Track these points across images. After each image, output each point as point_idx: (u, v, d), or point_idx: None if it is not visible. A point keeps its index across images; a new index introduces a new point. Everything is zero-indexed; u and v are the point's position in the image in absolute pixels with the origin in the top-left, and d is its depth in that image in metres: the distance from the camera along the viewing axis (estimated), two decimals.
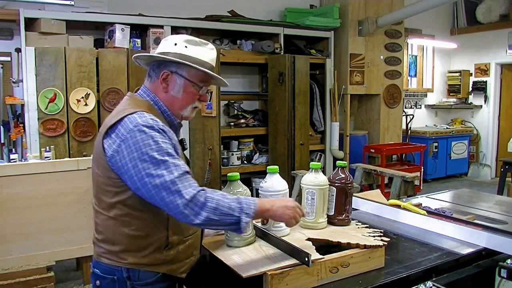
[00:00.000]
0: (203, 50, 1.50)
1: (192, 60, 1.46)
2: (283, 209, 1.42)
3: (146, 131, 1.33)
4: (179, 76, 1.48)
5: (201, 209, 1.27)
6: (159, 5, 5.20)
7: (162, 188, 1.28)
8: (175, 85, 1.48)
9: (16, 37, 4.38)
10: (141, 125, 1.34)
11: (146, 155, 1.30)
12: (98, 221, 1.45)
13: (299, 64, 5.28)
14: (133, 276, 1.41)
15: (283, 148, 5.30)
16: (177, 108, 1.51)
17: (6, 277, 3.02)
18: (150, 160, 1.30)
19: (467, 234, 1.75)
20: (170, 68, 1.48)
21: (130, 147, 1.32)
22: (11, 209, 3.07)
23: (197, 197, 1.28)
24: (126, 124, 1.35)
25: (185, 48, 1.48)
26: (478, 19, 7.84)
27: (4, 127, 4.27)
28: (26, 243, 3.12)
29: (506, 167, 5.08)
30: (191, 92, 1.49)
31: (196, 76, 1.48)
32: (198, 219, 1.28)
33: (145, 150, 1.31)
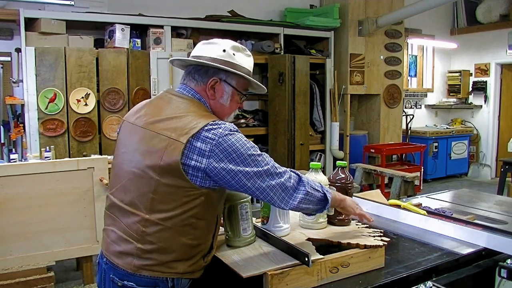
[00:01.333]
0: (245, 57, 1.49)
1: (239, 68, 1.45)
2: (351, 202, 1.58)
3: (235, 134, 1.34)
4: (228, 85, 1.45)
5: (298, 184, 1.39)
6: (159, 5, 5.20)
7: (266, 177, 1.34)
8: (223, 93, 1.46)
9: (16, 37, 4.38)
10: (227, 129, 1.33)
11: (247, 159, 1.33)
12: (148, 231, 1.32)
13: (299, 64, 5.29)
14: (177, 285, 1.36)
15: (283, 148, 5.30)
16: (222, 115, 1.49)
17: (6, 277, 3.02)
18: (249, 158, 1.33)
19: (467, 234, 1.75)
20: (219, 76, 1.44)
21: (225, 150, 1.30)
22: (11, 209, 3.07)
23: (292, 177, 1.39)
24: (221, 129, 1.32)
25: (233, 55, 1.45)
26: (478, 19, 7.84)
27: (4, 127, 4.28)
28: (26, 243, 3.12)
29: (506, 167, 5.07)
30: (236, 100, 1.50)
31: (242, 85, 1.48)
32: (296, 198, 1.38)
33: (243, 150, 1.32)
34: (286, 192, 1.36)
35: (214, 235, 1.42)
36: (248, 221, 1.53)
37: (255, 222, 1.64)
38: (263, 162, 1.34)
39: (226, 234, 1.55)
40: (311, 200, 1.41)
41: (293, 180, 1.38)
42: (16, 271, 3.06)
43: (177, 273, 1.34)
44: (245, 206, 1.52)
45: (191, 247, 1.35)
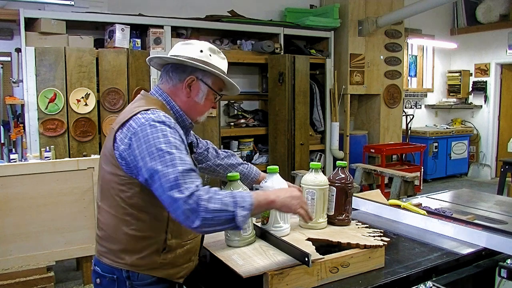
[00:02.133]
0: (220, 59, 1.54)
1: (216, 68, 1.50)
2: (289, 199, 1.39)
3: (157, 125, 1.32)
4: (204, 84, 1.50)
5: (197, 208, 1.22)
6: (159, 5, 5.20)
7: (165, 182, 1.24)
8: (199, 92, 1.50)
9: (16, 37, 4.38)
10: (152, 120, 1.34)
11: (154, 147, 1.28)
12: (100, 217, 1.46)
13: (299, 64, 5.28)
14: (132, 276, 1.42)
15: (283, 148, 5.30)
16: (196, 113, 1.53)
17: (6, 277, 3.02)
18: (157, 152, 1.28)
19: (467, 234, 1.75)
20: (196, 74, 1.49)
21: (139, 140, 1.31)
22: (11, 209, 3.07)
23: (195, 194, 1.23)
24: (138, 119, 1.35)
25: (210, 56, 1.50)
26: (478, 19, 7.84)
27: (4, 127, 4.27)
28: (26, 243, 3.12)
29: (506, 167, 5.07)
30: (210, 99, 1.53)
31: (217, 85, 1.53)
32: (194, 221, 1.22)
33: (153, 142, 1.29)
34: (183, 210, 1.23)
35: (168, 231, 1.42)
36: (248, 221, 1.53)
37: (255, 222, 1.64)
38: (170, 162, 1.26)
39: (226, 234, 1.55)
40: (215, 223, 1.25)
41: (192, 201, 1.22)
42: (16, 271, 3.07)
43: (125, 264, 1.40)
44: None
45: (137, 239, 1.39)
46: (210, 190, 1.27)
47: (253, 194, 1.32)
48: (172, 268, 1.45)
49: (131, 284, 1.42)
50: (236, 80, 5.90)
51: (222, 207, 1.24)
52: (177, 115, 1.51)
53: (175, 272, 1.46)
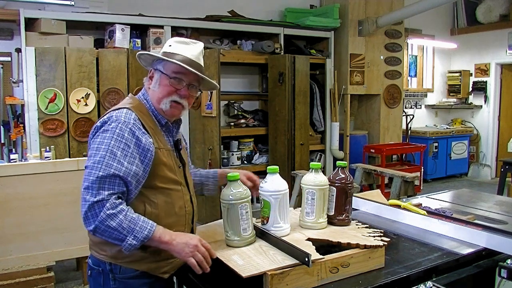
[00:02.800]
0: (185, 46, 1.55)
1: (171, 56, 1.52)
2: (182, 245, 1.38)
3: (113, 125, 1.41)
4: (157, 71, 1.54)
5: (96, 216, 1.32)
6: (159, 5, 5.20)
7: (85, 180, 1.36)
8: (154, 80, 1.55)
9: (16, 37, 4.38)
10: (111, 119, 1.43)
11: (96, 145, 1.40)
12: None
13: (299, 64, 5.28)
14: (115, 269, 1.46)
15: (283, 148, 5.30)
16: (155, 102, 1.54)
17: (6, 277, 3.02)
18: (95, 150, 1.39)
19: (467, 234, 1.75)
20: (154, 66, 1.56)
21: (94, 138, 1.43)
22: (11, 209, 3.07)
23: (101, 204, 1.32)
24: (106, 116, 1.46)
25: (169, 47, 1.56)
26: (478, 19, 7.84)
27: (4, 127, 4.27)
28: (26, 243, 3.12)
29: (506, 167, 5.07)
30: (165, 84, 1.52)
31: (170, 68, 1.52)
32: (89, 225, 1.34)
33: (99, 140, 1.40)
34: (85, 211, 1.34)
35: None
36: (248, 221, 1.53)
37: (255, 222, 1.64)
38: (97, 164, 1.36)
39: (226, 234, 1.55)
40: (106, 236, 1.35)
41: (95, 208, 1.32)
42: (16, 271, 3.07)
43: (107, 256, 1.46)
44: (245, 206, 1.53)
45: None
46: (117, 207, 1.34)
47: (155, 229, 1.37)
48: (154, 262, 1.47)
49: (114, 277, 1.46)
50: (236, 80, 5.86)
51: (117, 227, 1.33)
52: (154, 114, 1.55)
53: (157, 266, 1.48)
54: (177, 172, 1.56)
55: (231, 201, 1.51)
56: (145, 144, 1.43)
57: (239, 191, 1.53)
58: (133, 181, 1.40)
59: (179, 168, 1.58)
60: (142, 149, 1.42)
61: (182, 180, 1.58)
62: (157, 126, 1.54)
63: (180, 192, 1.55)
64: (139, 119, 1.47)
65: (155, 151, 1.46)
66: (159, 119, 1.55)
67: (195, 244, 1.39)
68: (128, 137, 1.40)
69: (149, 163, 1.44)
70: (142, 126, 1.46)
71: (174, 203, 1.52)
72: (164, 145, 1.53)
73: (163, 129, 1.57)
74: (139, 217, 1.38)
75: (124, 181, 1.37)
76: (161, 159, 1.49)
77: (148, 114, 1.53)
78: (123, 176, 1.37)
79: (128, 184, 1.39)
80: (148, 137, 1.45)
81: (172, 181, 1.53)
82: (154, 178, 1.47)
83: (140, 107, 1.52)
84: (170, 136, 1.60)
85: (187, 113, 5.02)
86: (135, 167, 1.40)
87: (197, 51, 1.56)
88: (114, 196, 1.35)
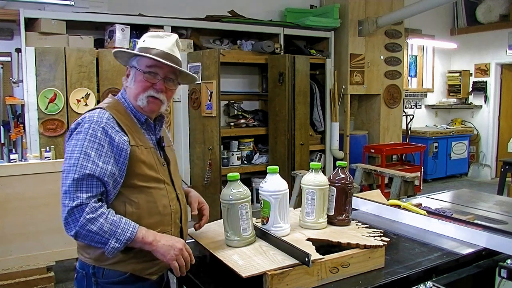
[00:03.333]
0: (161, 40, 1.53)
1: (144, 50, 1.50)
2: (167, 247, 1.38)
3: (85, 126, 1.40)
4: (133, 68, 1.53)
5: (76, 221, 1.32)
6: (159, 5, 5.20)
7: (63, 185, 1.36)
8: (130, 77, 1.53)
9: (16, 37, 4.38)
10: (84, 120, 1.42)
11: (70, 147, 1.39)
12: None
13: (299, 64, 5.28)
14: (97, 273, 1.43)
15: (283, 148, 5.30)
16: (133, 98, 1.52)
17: (6, 277, 3.02)
18: (69, 153, 1.38)
19: (467, 234, 1.75)
20: (130, 63, 1.55)
21: (69, 141, 1.42)
22: (11, 209, 3.07)
23: (80, 208, 1.32)
24: (80, 118, 1.45)
25: (143, 42, 1.55)
26: (478, 19, 7.84)
27: (4, 127, 4.27)
28: (26, 243, 3.12)
29: (506, 167, 5.07)
30: (140, 80, 1.50)
31: (144, 63, 1.50)
32: (70, 230, 1.34)
33: (73, 143, 1.39)
34: (65, 217, 1.35)
35: None
36: (248, 221, 1.53)
37: (255, 222, 1.64)
38: (72, 167, 1.36)
39: (226, 234, 1.55)
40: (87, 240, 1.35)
41: (75, 213, 1.33)
42: (16, 271, 3.07)
43: (90, 259, 1.44)
44: (245, 206, 1.52)
45: None
46: (97, 211, 1.33)
47: (137, 230, 1.36)
48: (138, 263, 1.44)
49: (96, 281, 1.44)
50: (236, 80, 5.86)
51: (98, 231, 1.32)
52: (133, 112, 1.53)
53: (143, 268, 1.45)
54: (160, 170, 1.51)
55: (231, 201, 1.51)
56: (119, 142, 1.40)
57: (239, 191, 1.53)
58: (110, 181, 1.37)
59: (163, 166, 1.54)
60: (116, 148, 1.39)
61: (166, 179, 1.53)
62: (135, 124, 1.51)
63: (163, 191, 1.50)
64: (114, 118, 1.44)
65: (132, 149, 1.43)
66: (138, 117, 1.52)
67: (180, 248, 1.39)
68: (101, 136, 1.38)
69: (125, 162, 1.41)
70: (117, 125, 1.44)
71: (157, 202, 1.47)
72: (143, 142, 1.49)
73: (143, 126, 1.53)
74: (121, 219, 1.36)
75: (101, 181, 1.35)
76: (139, 157, 1.45)
77: (126, 112, 1.51)
78: (98, 176, 1.35)
79: (106, 184, 1.37)
80: (122, 135, 1.42)
81: (153, 179, 1.48)
82: (133, 176, 1.43)
83: (117, 106, 1.50)
84: (152, 134, 1.56)
85: (187, 113, 5.02)
86: (111, 166, 1.37)
87: (170, 43, 1.54)
88: (94, 200, 1.34)
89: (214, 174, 4.80)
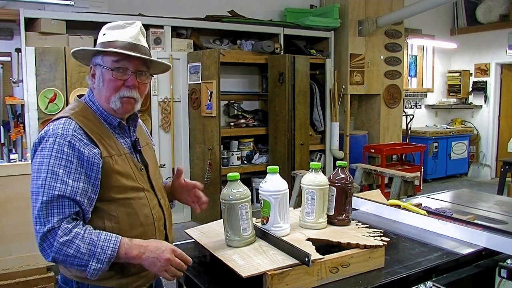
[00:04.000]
0: (123, 31, 1.37)
1: (106, 45, 1.34)
2: (152, 260, 1.28)
3: (50, 141, 1.27)
4: (98, 66, 1.37)
5: (51, 246, 1.23)
6: (159, 5, 5.20)
7: (33, 208, 1.24)
8: (97, 77, 1.37)
9: (16, 37, 4.38)
10: (48, 134, 1.28)
11: (36, 167, 1.26)
12: None
13: (299, 64, 5.28)
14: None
15: (283, 148, 5.30)
16: (104, 101, 1.37)
17: (6, 277, 3.02)
18: (35, 173, 1.26)
19: (467, 234, 1.75)
20: (93, 61, 1.39)
21: (34, 158, 1.30)
22: (11, 209, 3.07)
23: (52, 233, 1.22)
24: (43, 131, 1.31)
25: (103, 36, 1.38)
26: (478, 19, 7.84)
27: (4, 127, 4.27)
28: (26, 243, 3.12)
29: (506, 167, 5.07)
30: (109, 79, 1.34)
31: (109, 59, 1.34)
32: (47, 257, 1.24)
33: (39, 161, 1.26)
34: (39, 243, 1.25)
35: None
36: (248, 221, 1.53)
37: (255, 222, 1.64)
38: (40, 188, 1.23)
39: (226, 234, 1.55)
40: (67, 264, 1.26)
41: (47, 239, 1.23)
42: (16, 271, 3.06)
43: (73, 275, 1.34)
44: (245, 206, 1.52)
45: None
46: (71, 232, 1.22)
47: (119, 245, 1.26)
48: (123, 277, 1.36)
49: None
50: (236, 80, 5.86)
51: (76, 254, 1.22)
52: (103, 115, 1.39)
53: (128, 282, 1.37)
54: (138, 178, 1.40)
55: (231, 201, 1.50)
56: (89, 156, 1.28)
57: (239, 191, 1.52)
58: (83, 199, 1.26)
59: (141, 171, 1.43)
60: (86, 162, 1.27)
61: (145, 185, 1.42)
62: (106, 130, 1.38)
63: (143, 199, 1.40)
64: (81, 128, 1.31)
65: (105, 160, 1.31)
66: (110, 121, 1.39)
67: (167, 258, 1.28)
68: (68, 151, 1.26)
69: (97, 177, 1.29)
70: (85, 136, 1.31)
71: (138, 212, 1.37)
72: (117, 150, 1.37)
73: (115, 131, 1.41)
74: (99, 236, 1.24)
75: (73, 201, 1.24)
76: (113, 168, 1.33)
77: (95, 118, 1.37)
78: (69, 196, 1.23)
79: (80, 203, 1.25)
80: (91, 147, 1.29)
81: (131, 189, 1.37)
82: (109, 190, 1.32)
83: (84, 112, 1.36)
84: (126, 137, 1.44)
85: (187, 113, 5.02)
86: (82, 183, 1.26)
87: (135, 32, 1.37)
88: (66, 221, 1.23)
89: (214, 174, 4.80)
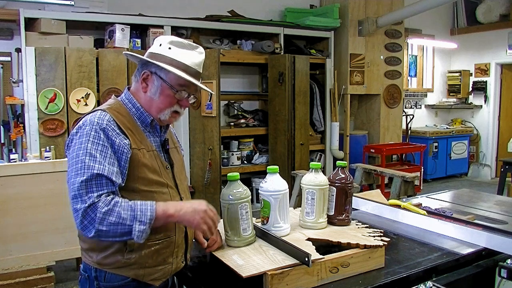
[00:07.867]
0: (188, 53, 1.47)
1: (174, 63, 1.43)
2: (191, 213, 1.34)
3: (87, 129, 1.35)
4: (158, 78, 1.45)
5: (93, 221, 1.25)
6: (159, 5, 5.20)
7: (71, 190, 1.30)
8: (152, 86, 1.46)
9: (16, 37, 4.38)
10: (85, 123, 1.37)
11: (74, 153, 1.34)
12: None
13: (299, 64, 5.28)
14: (99, 277, 1.41)
15: (283, 148, 5.30)
16: (154, 110, 1.47)
17: (6, 277, 3.02)
18: (73, 159, 1.33)
19: (467, 234, 1.75)
20: (150, 69, 1.46)
21: (71, 142, 1.38)
22: (11, 209, 3.07)
23: (93, 206, 1.26)
24: (81, 122, 1.40)
25: (169, 50, 1.45)
26: (478, 19, 7.84)
27: (4, 127, 4.28)
28: (26, 243, 3.12)
29: (506, 167, 5.07)
30: (168, 95, 1.45)
31: (175, 80, 1.44)
32: (90, 232, 1.26)
33: (76, 147, 1.34)
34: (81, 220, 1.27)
35: None
36: (248, 221, 1.53)
37: (255, 222, 1.64)
38: (79, 170, 1.30)
39: (226, 234, 1.55)
40: (110, 235, 1.29)
41: (89, 212, 1.26)
42: (16, 271, 3.07)
43: (93, 262, 1.42)
44: (245, 206, 1.52)
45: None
46: (111, 202, 1.28)
47: (155, 207, 1.31)
48: (140, 268, 1.41)
49: (98, 285, 1.41)
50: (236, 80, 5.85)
51: (118, 220, 1.27)
52: (139, 112, 1.48)
53: (145, 273, 1.41)
54: (163, 174, 1.47)
55: (231, 201, 1.51)
56: (119, 145, 1.36)
57: (239, 191, 1.53)
58: (117, 181, 1.33)
59: (167, 169, 1.50)
60: (117, 150, 1.35)
61: (170, 182, 1.49)
62: (139, 127, 1.47)
63: (166, 195, 1.46)
64: (114, 120, 1.40)
65: (134, 152, 1.39)
66: (144, 119, 1.48)
67: (204, 209, 1.36)
68: (104, 138, 1.34)
69: (126, 166, 1.37)
70: (118, 127, 1.39)
71: None
72: (146, 145, 1.45)
73: (147, 129, 1.49)
74: (135, 203, 1.31)
75: (110, 180, 1.31)
76: (141, 161, 1.40)
77: (128, 114, 1.46)
78: (107, 175, 1.30)
79: (115, 185, 1.33)
80: (123, 138, 1.38)
81: (156, 183, 1.44)
82: (134, 180, 1.39)
83: (119, 108, 1.46)
84: (156, 136, 1.53)
85: (187, 113, 5.02)
86: (116, 168, 1.34)
87: (200, 59, 1.50)
88: (105, 195, 1.29)
89: (214, 174, 4.80)
